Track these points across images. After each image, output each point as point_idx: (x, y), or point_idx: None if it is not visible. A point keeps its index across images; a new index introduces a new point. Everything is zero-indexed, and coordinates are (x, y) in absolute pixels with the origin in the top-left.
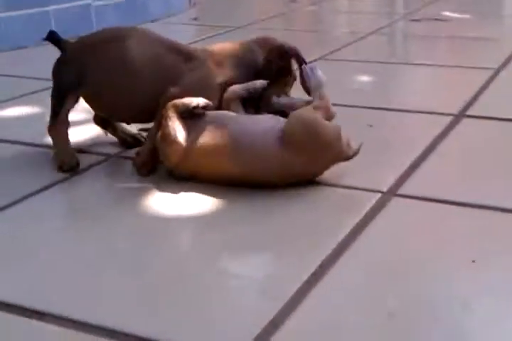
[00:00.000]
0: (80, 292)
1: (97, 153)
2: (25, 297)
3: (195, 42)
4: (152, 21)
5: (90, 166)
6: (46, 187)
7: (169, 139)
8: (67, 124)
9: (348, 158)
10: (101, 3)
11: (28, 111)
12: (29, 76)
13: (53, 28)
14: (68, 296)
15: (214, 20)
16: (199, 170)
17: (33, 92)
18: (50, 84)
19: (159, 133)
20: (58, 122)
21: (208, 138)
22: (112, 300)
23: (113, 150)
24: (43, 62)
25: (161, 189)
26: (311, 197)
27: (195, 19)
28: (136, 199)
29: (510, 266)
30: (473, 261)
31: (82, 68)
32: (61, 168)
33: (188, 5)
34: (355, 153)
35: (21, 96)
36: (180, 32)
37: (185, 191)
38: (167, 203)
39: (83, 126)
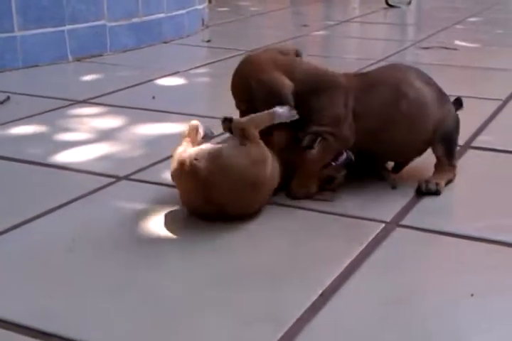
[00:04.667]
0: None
1: (105, 175)
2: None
3: (207, 64)
4: (165, 42)
5: (98, 189)
6: (54, 209)
7: None
8: None
9: None
10: (115, 23)
11: (38, 130)
12: (41, 95)
13: (67, 47)
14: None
15: (226, 43)
16: None
17: (44, 112)
18: (62, 103)
19: None
20: None
21: None
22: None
23: (123, 172)
24: (55, 81)
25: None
26: (315, 226)
27: (208, 41)
28: (139, 224)
29: (508, 300)
30: (472, 295)
31: None
32: None
33: (201, 27)
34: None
35: (32, 115)
36: (192, 54)
37: (189, 216)
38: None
39: (89, 146)
